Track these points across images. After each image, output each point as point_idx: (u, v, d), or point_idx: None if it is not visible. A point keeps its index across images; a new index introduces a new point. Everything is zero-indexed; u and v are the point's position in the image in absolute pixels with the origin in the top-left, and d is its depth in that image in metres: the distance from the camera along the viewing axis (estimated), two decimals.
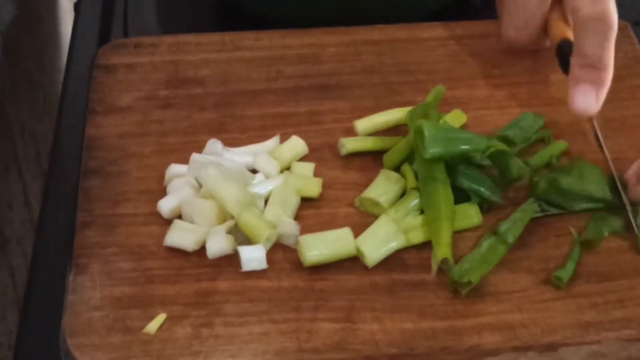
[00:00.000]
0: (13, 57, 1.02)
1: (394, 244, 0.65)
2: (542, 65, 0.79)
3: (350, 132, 0.74)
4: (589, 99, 0.70)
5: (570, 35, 0.73)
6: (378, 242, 0.64)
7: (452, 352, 0.60)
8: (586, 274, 0.64)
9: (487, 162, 0.69)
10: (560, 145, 0.72)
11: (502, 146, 0.67)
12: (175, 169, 0.70)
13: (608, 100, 0.73)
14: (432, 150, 0.66)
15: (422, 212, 0.67)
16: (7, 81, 1.01)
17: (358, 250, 0.64)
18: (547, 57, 0.79)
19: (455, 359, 0.60)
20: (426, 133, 0.66)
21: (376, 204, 0.67)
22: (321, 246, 0.64)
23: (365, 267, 0.64)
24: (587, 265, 0.64)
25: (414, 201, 0.67)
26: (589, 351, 0.61)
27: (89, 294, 0.63)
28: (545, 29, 0.77)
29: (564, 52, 0.73)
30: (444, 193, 0.66)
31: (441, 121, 0.70)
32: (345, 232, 0.65)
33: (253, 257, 0.64)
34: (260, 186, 0.68)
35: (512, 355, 0.60)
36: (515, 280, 0.64)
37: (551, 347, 0.60)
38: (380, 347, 0.60)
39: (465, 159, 0.68)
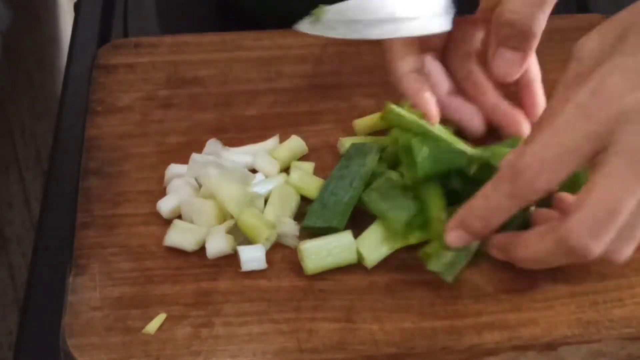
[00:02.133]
0: (13, 57, 1.02)
1: (394, 244, 0.65)
2: (540, 63, 0.79)
3: (350, 131, 0.74)
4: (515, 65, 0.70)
5: None
6: (377, 242, 0.64)
7: (452, 352, 0.60)
8: (585, 272, 0.64)
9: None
10: None
11: (482, 158, 0.65)
12: (175, 169, 0.70)
13: None
14: (423, 171, 0.64)
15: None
16: (7, 81, 1.01)
17: (357, 251, 0.64)
18: (546, 55, 0.79)
19: (455, 359, 0.60)
20: (418, 156, 0.64)
21: None
22: (323, 255, 0.63)
23: (364, 267, 0.64)
24: (586, 264, 0.64)
25: None
26: (589, 350, 0.61)
27: (89, 294, 0.63)
28: None
29: None
30: (434, 193, 0.65)
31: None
32: (346, 238, 0.64)
33: (253, 257, 0.64)
34: (260, 186, 0.68)
35: (512, 354, 0.60)
36: (515, 279, 0.63)
37: (551, 347, 0.60)
38: (379, 346, 0.60)
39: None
